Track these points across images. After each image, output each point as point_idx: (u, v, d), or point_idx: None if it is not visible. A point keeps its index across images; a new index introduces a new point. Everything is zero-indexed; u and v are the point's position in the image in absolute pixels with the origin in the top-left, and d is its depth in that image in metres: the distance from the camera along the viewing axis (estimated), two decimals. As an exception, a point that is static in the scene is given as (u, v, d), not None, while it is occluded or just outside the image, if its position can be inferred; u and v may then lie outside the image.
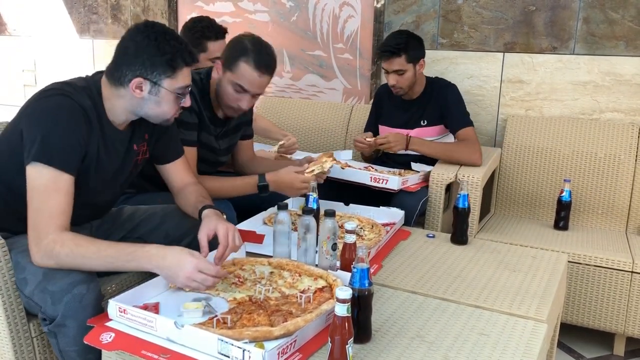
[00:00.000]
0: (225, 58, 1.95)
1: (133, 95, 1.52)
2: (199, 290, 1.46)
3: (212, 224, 1.54)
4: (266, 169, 2.13)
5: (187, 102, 1.60)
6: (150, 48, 1.49)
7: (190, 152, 1.94)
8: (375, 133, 2.64)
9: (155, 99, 1.53)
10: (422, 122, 2.55)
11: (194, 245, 1.74)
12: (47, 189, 1.41)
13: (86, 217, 1.70)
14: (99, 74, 1.60)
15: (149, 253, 1.40)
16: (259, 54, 1.91)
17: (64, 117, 1.45)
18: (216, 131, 2.09)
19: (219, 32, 2.50)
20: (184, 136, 1.90)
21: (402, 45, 2.42)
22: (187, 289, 1.48)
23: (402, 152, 2.45)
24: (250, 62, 1.89)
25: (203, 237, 1.53)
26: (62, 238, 1.39)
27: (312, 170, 1.99)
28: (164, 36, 1.51)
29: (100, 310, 1.40)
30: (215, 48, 2.47)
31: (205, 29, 2.50)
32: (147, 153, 1.74)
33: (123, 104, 1.55)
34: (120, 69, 1.51)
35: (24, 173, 1.44)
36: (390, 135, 2.43)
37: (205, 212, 1.61)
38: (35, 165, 1.41)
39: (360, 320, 1.29)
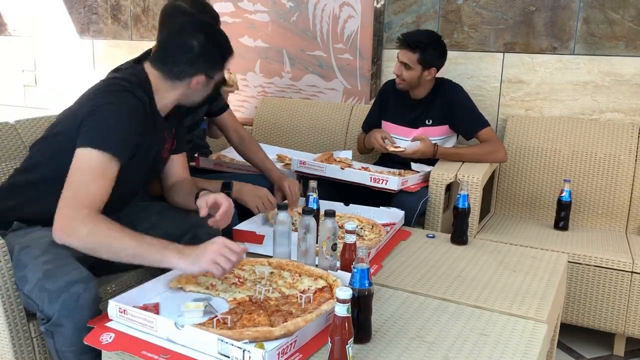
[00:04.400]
0: None
1: (189, 87, 1.63)
2: (216, 276, 1.46)
3: (212, 195, 1.65)
4: (259, 161, 2.29)
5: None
6: (214, 48, 1.64)
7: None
8: (378, 128, 2.64)
9: (205, 89, 1.69)
10: (427, 121, 2.55)
11: (193, 243, 1.75)
12: (94, 171, 1.45)
13: (109, 210, 1.69)
14: (138, 64, 1.70)
15: (178, 246, 1.45)
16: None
17: (126, 111, 1.52)
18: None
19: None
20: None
21: (421, 44, 2.42)
22: (207, 274, 1.50)
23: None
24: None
25: (202, 202, 1.64)
26: (97, 217, 1.42)
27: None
28: (219, 35, 1.68)
29: (97, 312, 1.39)
30: None
31: (184, 12, 2.59)
32: (173, 146, 1.82)
33: (174, 95, 1.66)
34: (182, 66, 1.61)
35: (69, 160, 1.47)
36: (422, 147, 2.43)
37: (203, 191, 1.72)
38: (88, 149, 1.45)
39: (360, 321, 1.29)
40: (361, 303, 1.28)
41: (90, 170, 1.45)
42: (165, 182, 1.86)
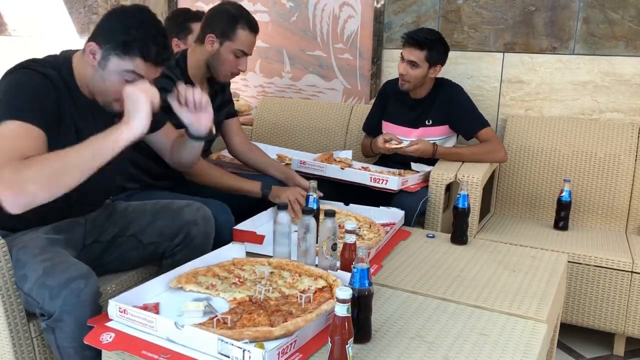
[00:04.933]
0: (220, 30, 2.05)
1: (87, 61, 1.53)
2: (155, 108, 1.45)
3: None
4: (265, 165, 2.31)
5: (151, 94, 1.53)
6: (117, 23, 1.52)
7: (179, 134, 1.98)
8: (379, 129, 2.65)
9: (101, 73, 1.52)
10: (427, 121, 2.55)
11: (187, 241, 1.76)
12: (16, 135, 1.36)
13: (80, 206, 1.66)
14: (70, 51, 1.65)
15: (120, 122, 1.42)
16: (248, 17, 2.08)
17: (26, 80, 1.44)
18: None
19: (200, 14, 2.63)
20: (174, 120, 1.86)
21: (429, 41, 2.43)
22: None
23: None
24: (246, 27, 2.05)
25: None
26: (30, 160, 1.32)
27: None
28: (135, 24, 1.50)
29: (98, 307, 1.40)
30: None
31: (186, 13, 2.74)
32: None
33: (83, 70, 1.56)
34: (90, 36, 1.56)
35: None
36: (421, 146, 2.43)
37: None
38: (3, 123, 1.37)
39: (360, 320, 1.29)
40: (361, 303, 1.28)
41: (13, 134, 1.36)
42: (163, 152, 1.87)
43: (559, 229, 2.51)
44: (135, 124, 1.42)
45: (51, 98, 1.47)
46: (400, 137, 2.55)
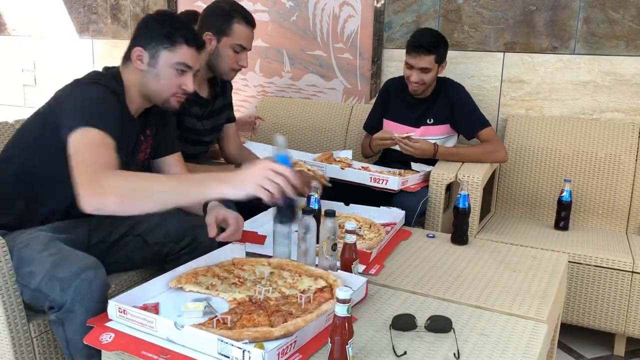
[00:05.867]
0: (216, 27, 2.07)
1: (136, 68, 1.60)
2: (265, 201, 1.33)
3: (222, 211, 1.63)
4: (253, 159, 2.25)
5: (188, 85, 1.65)
6: (153, 22, 1.64)
7: None
8: (379, 127, 2.65)
9: (154, 72, 1.60)
10: (428, 120, 2.55)
11: (194, 245, 1.75)
12: (98, 144, 1.42)
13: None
14: (114, 68, 1.69)
15: (217, 175, 1.39)
16: (243, 11, 2.09)
17: (102, 97, 1.52)
18: (201, 111, 2.13)
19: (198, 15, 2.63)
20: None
21: (434, 44, 2.43)
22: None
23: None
24: (242, 21, 2.06)
25: (212, 219, 1.60)
26: (119, 172, 1.40)
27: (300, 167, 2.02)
28: (169, 18, 1.65)
29: (106, 299, 1.39)
30: None
31: (186, 15, 2.74)
32: (149, 148, 1.76)
33: (133, 80, 1.62)
34: (129, 45, 1.64)
35: (48, 161, 1.49)
36: (423, 145, 2.41)
37: (212, 202, 1.68)
38: (81, 129, 1.43)
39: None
40: None
41: (92, 143, 1.41)
42: None
43: (559, 229, 2.51)
44: (233, 191, 1.33)
45: (118, 112, 1.55)
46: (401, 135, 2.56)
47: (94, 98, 1.51)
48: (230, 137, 2.35)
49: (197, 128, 2.14)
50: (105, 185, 1.33)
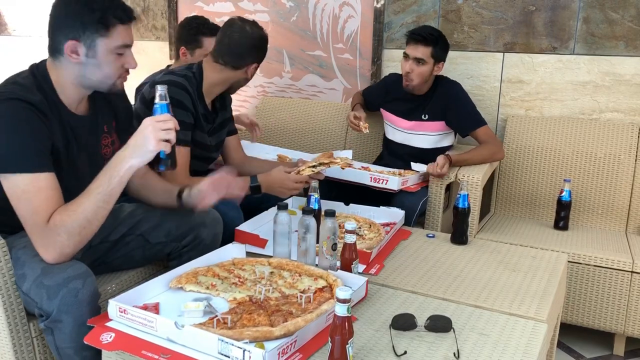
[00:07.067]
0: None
1: (71, 61, 1.49)
2: (167, 151, 1.42)
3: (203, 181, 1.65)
4: (259, 169, 2.16)
5: (130, 63, 1.56)
6: (78, 7, 1.49)
7: (184, 151, 1.94)
8: (373, 104, 2.77)
9: (94, 62, 1.50)
10: (423, 115, 2.56)
11: (196, 242, 1.75)
12: (27, 193, 1.38)
13: None
14: (44, 61, 1.59)
15: (117, 156, 1.41)
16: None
17: (15, 122, 1.39)
18: (208, 127, 2.11)
19: (214, 29, 2.58)
20: (179, 135, 1.88)
21: (433, 37, 2.44)
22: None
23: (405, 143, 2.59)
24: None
25: (205, 185, 1.63)
26: (55, 219, 1.38)
27: (304, 170, 1.99)
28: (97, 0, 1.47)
29: (96, 308, 1.40)
30: (211, 44, 2.52)
31: (201, 25, 2.62)
32: (116, 144, 1.68)
33: (68, 76, 1.52)
34: (55, 37, 1.52)
35: None
36: (443, 161, 2.33)
37: (185, 190, 1.69)
38: (5, 176, 1.38)
39: None
40: None
41: (24, 193, 1.37)
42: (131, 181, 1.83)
43: (559, 228, 2.51)
44: (141, 158, 1.40)
45: (44, 132, 1.43)
46: (394, 126, 2.62)
47: (10, 128, 1.38)
48: (232, 149, 2.33)
49: (207, 143, 2.12)
50: (57, 245, 1.38)
